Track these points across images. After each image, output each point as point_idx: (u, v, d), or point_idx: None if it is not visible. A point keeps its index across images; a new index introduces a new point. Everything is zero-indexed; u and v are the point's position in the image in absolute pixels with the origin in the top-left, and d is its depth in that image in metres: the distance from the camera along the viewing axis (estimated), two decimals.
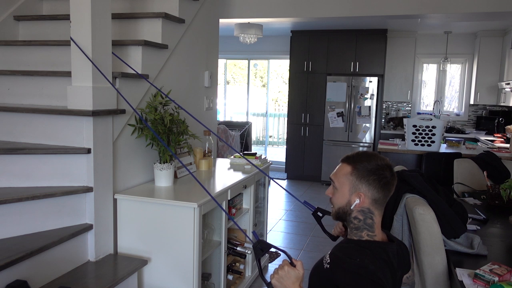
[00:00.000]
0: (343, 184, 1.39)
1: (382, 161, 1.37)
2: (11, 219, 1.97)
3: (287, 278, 1.27)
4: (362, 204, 1.36)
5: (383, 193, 1.36)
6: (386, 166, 1.36)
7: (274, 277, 1.29)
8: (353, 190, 1.37)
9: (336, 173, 1.43)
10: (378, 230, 1.40)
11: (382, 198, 1.37)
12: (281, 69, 9.37)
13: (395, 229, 2.11)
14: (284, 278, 1.28)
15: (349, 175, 1.37)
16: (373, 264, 1.28)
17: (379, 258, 1.30)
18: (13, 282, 1.75)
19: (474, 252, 1.91)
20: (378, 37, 6.42)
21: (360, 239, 1.38)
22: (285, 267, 1.28)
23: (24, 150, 2.13)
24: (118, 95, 2.29)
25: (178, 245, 2.25)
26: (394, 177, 1.38)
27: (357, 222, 1.38)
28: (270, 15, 3.88)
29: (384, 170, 1.35)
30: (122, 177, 2.42)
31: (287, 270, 1.28)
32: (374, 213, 1.37)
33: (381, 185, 1.35)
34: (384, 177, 1.35)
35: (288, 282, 1.27)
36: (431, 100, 7.16)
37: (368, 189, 1.35)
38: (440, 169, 4.14)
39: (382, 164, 1.36)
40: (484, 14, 3.53)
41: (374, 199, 1.36)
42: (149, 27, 2.69)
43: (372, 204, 1.36)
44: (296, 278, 1.27)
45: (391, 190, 1.39)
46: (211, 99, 3.53)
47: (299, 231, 4.49)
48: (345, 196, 1.38)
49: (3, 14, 2.87)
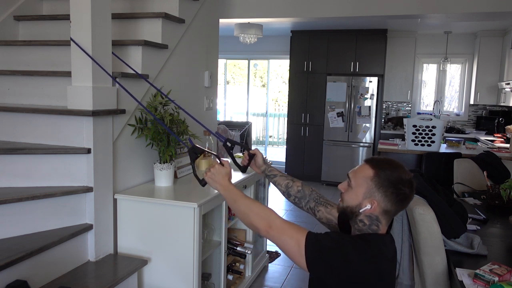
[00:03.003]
0: (359, 186, 1.35)
1: (405, 175, 1.32)
2: (11, 219, 1.97)
3: (218, 173, 1.52)
4: (372, 211, 1.33)
5: (396, 208, 1.34)
6: (408, 182, 1.32)
7: (207, 174, 1.54)
8: (368, 195, 1.33)
9: (356, 172, 1.39)
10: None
11: (394, 211, 1.35)
12: (281, 69, 9.37)
13: (395, 229, 2.11)
14: (215, 174, 1.52)
15: (369, 180, 1.33)
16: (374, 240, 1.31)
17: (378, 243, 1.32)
18: (13, 282, 1.75)
19: (474, 252, 1.91)
20: (378, 37, 6.41)
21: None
22: (216, 166, 1.54)
23: (24, 150, 2.13)
24: (118, 95, 2.29)
25: (178, 245, 2.25)
26: (412, 194, 1.35)
27: (362, 226, 1.36)
28: (270, 15, 3.88)
29: (405, 185, 1.31)
30: (122, 177, 2.42)
31: (218, 168, 1.54)
32: (382, 222, 1.35)
33: (397, 200, 1.32)
34: (403, 193, 1.31)
35: (219, 177, 1.52)
36: (431, 100, 7.16)
37: (383, 200, 1.32)
38: (440, 169, 4.14)
39: (405, 178, 1.32)
40: (484, 14, 3.53)
41: (386, 210, 1.33)
42: (149, 27, 2.69)
43: (382, 214, 1.34)
44: (225, 173, 1.53)
45: (405, 207, 1.37)
46: (211, 99, 3.53)
47: None
48: (358, 198, 1.35)
49: (3, 14, 2.87)
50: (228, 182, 1.52)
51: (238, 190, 1.48)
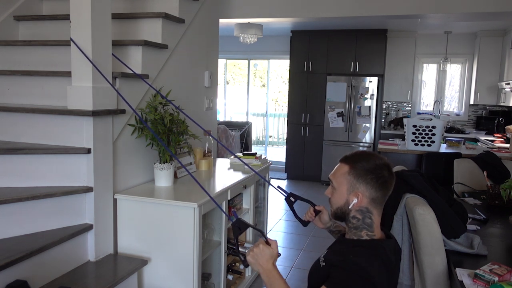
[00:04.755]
0: (341, 184, 1.39)
1: (380, 160, 1.37)
2: (11, 219, 1.97)
3: (262, 255, 1.34)
4: (360, 204, 1.36)
5: (381, 192, 1.36)
6: (384, 165, 1.36)
7: (250, 254, 1.36)
8: (351, 190, 1.37)
9: (334, 173, 1.44)
10: (378, 229, 1.40)
11: (381, 197, 1.37)
12: (281, 69, 9.37)
13: (395, 229, 2.11)
14: (258, 256, 1.34)
15: (347, 175, 1.37)
16: (367, 261, 1.28)
17: (374, 255, 1.31)
18: (13, 282, 1.75)
19: (474, 252, 1.91)
20: (378, 37, 6.41)
21: (360, 238, 1.38)
22: (260, 245, 1.35)
23: (24, 150, 2.13)
24: (118, 95, 2.29)
25: (178, 245, 2.25)
26: (392, 176, 1.38)
27: (356, 222, 1.38)
28: (270, 15, 3.88)
29: (382, 169, 1.35)
30: (122, 177, 2.42)
31: (262, 248, 1.35)
32: (373, 212, 1.37)
33: (379, 184, 1.35)
34: (382, 176, 1.35)
35: (263, 259, 1.34)
36: (431, 100, 7.16)
37: (366, 189, 1.35)
38: (440, 169, 4.14)
39: (380, 163, 1.36)
40: (484, 14, 3.52)
41: (372, 198, 1.36)
42: (149, 27, 2.69)
43: (370, 203, 1.36)
44: (270, 256, 1.35)
45: (389, 189, 1.39)
46: (211, 99, 3.53)
47: (299, 231, 4.49)
48: (343, 196, 1.38)
49: (3, 14, 2.87)
50: (272, 266, 1.35)
51: (281, 278, 1.35)
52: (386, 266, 1.31)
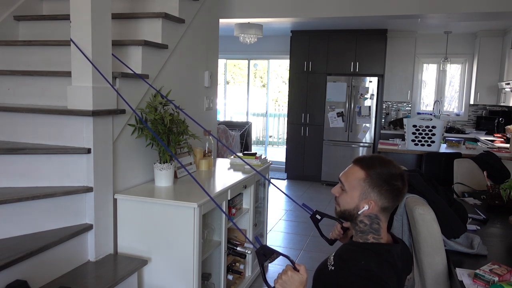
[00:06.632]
0: (353, 188, 1.36)
1: (396, 169, 1.35)
2: (11, 219, 1.97)
3: (291, 283, 1.26)
4: (371, 211, 1.35)
5: (393, 203, 1.36)
6: (399, 175, 1.34)
7: (278, 282, 1.28)
8: (364, 197, 1.34)
9: (347, 174, 1.40)
10: (384, 233, 1.39)
11: (391, 207, 1.37)
12: (281, 69, 9.37)
13: (395, 229, 2.11)
14: (287, 283, 1.26)
15: (362, 181, 1.34)
16: (378, 266, 1.27)
17: (384, 261, 1.30)
18: (13, 282, 1.75)
19: (474, 252, 1.91)
20: (378, 37, 6.42)
21: (366, 241, 1.37)
22: (289, 272, 1.27)
23: (24, 150, 2.13)
24: (118, 95, 2.29)
25: (178, 245, 2.25)
26: (405, 186, 1.37)
27: (363, 226, 1.37)
28: (270, 15, 3.88)
29: (397, 179, 1.34)
30: (122, 177, 2.42)
31: (291, 274, 1.26)
32: (381, 219, 1.36)
33: (392, 195, 1.34)
34: (397, 188, 1.33)
35: (292, 286, 1.26)
36: (431, 100, 7.16)
37: (379, 198, 1.33)
38: (440, 169, 4.14)
39: (395, 173, 1.34)
40: (484, 14, 3.52)
41: (383, 208, 1.35)
42: (149, 27, 2.69)
43: (380, 211, 1.35)
44: (299, 282, 1.26)
45: (401, 199, 1.38)
46: (211, 99, 3.53)
47: (299, 231, 4.49)
48: (354, 201, 1.36)
49: (3, 14, 2.87)
50: None
51: None
52: (394, 270, 1.31)
